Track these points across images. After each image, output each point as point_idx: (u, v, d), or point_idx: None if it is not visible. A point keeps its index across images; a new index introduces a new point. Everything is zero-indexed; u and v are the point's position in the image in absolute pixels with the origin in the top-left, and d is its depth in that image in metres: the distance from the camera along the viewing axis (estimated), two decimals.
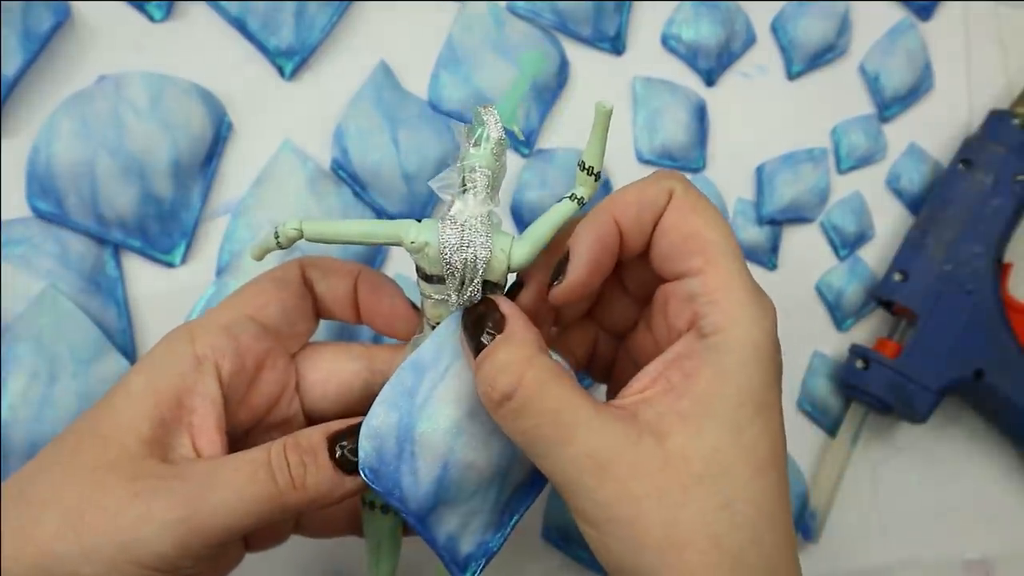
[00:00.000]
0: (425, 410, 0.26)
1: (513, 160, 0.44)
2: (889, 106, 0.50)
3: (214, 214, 0.39)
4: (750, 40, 0.48)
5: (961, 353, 0.45)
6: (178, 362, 0.26)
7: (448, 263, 0.26)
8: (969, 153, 0.47)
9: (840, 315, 0.48)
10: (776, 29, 0.49)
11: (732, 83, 0.48)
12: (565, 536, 0.42)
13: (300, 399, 0.30)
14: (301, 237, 0.27)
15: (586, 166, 0.26)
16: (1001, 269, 0.46)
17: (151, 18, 0.39)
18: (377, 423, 0.26)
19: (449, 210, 0.26)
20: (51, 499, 0.24)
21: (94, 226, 0.37)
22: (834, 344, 0.48)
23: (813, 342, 0.48)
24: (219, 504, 0.23)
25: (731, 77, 0.48)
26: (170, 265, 0.38)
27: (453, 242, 0.26)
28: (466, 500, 0.27)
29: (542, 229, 0.27)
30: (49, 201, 0.36)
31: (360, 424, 0.26)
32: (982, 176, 0.46)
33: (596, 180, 0.27)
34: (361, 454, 0.26)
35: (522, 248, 0.27)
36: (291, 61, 0.40)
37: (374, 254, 0.41)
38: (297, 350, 0.30)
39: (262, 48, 0.40)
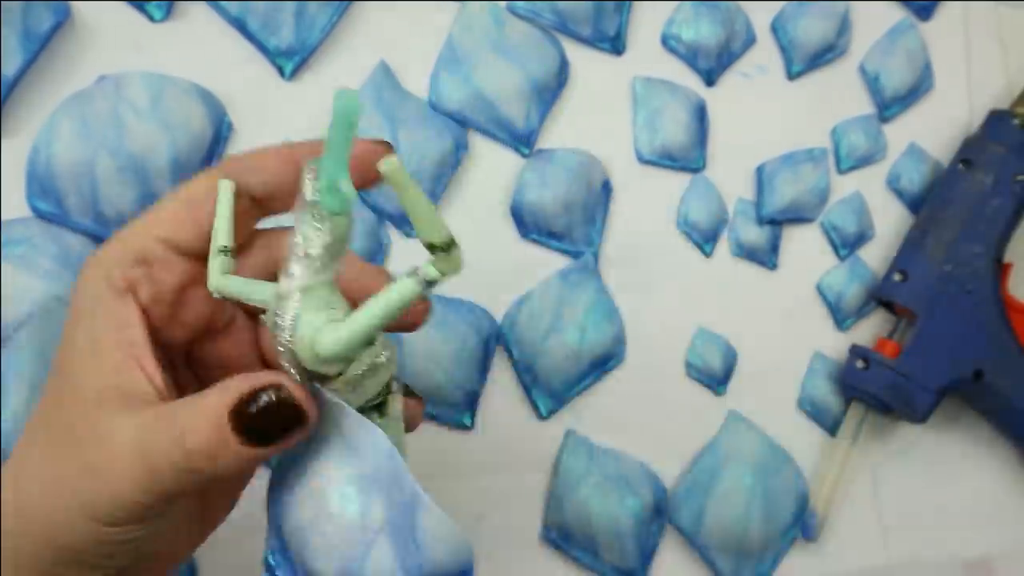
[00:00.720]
0: (282, 505, 0.26)
1: (513, 160, 0.44)
2: (889, 106, 0.50)
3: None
4: (750, 40, 0.48)
5: (961, 353, 0.45)
6: (101, 301, 0.26)
7: (271, 343, 0.24)
8: (969, 153, 0.47)
9: (840, 315, 0.48)
10: (776, 29, 0.49)
11: (732, 83, 0.48)
12: (565, 536, 0.42)
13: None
14: (217, 294, 0.26)
15: (425, 242, 0.21)
16: (1001, 269, 0.46)
17: (151, 18, 0.39)
18: (268, 506, 0.26)
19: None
20: (34, 472, 0.25)
21: (94, 226, 0.37)
22: (834, 344, 0.48)
23: (813, 342, 0.48)
24: (151, 482, 0.24)
25: (731, 77, 0.48)
26: None
27: (269, 319, 0.23)
28: None
29: (368, 315, 0.22)
30: (49, 201, 0.36)
31: (260, 386, 0.23)
32: (982, 176, 0.46)
33: (448, 252, 0.21)
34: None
35: (328, 337, 0.22)
36: (291, 61, 0.40)
37: (374, 253, 0.41)
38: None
39: (262, 48, 0.40)
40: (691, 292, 0.46)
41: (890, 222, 0.49)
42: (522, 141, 0.44)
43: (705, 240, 0.46)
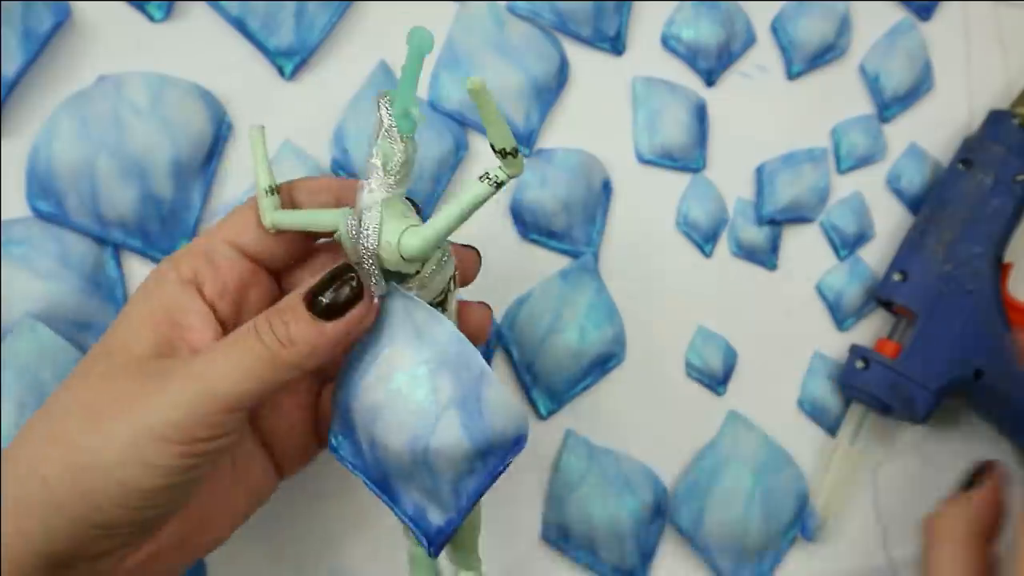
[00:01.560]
0: (354, 389, 0.28)
1: None
2: (889, 106, 0.50)
3: (214, 214, 0.39)
4: (750, 40, 0.48)
5: (961, 353, 0.44)
6: (167, 287, 0.28)
7: (349, 252, 0.27)
8: (969, 153, 0.47)
9: (840, 315, 0.48)
10: (776, 29, 0.49)
11: (732, 83, 0.48)
12: (565, 536, 0.42)
13: None
14: (273, 229, 0.29)
15: (497, 148, 0.24)
16: (1001, 269, 0.46)
17: (151, 18, 0.39)
18: (336, 394, 0.29)
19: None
20: (72, 402, 0.26)
21: (94, 226, 0.37)
22: (834, 344, 0.48)
23: (813, 342, 0.48)
24: (219, 374, 0.25)
25: (731, 77, 0.48)
26: None
27: (348, 230, 0.27)
28: (411, 478, 0.28)
29: (446, 216, 0.26)
30: (49, 201, 0.36)
31: (330, 273, 0.27)
32: (982, 176, 0.46)
33: (515, 157, 0.25)
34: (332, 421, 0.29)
35: (413, 238, 0.26)
36: (291, 61, 0.40)
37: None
38: (285, 267, 0.32)
39: (262, 48, 0.40)
40: (691, 292, 0.46)
41: (890, 222, 0.50)
42: (522, 141, 0.44)
43: (705, 240, 0.46)
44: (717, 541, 0.43)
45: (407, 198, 0.29)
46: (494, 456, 0.28)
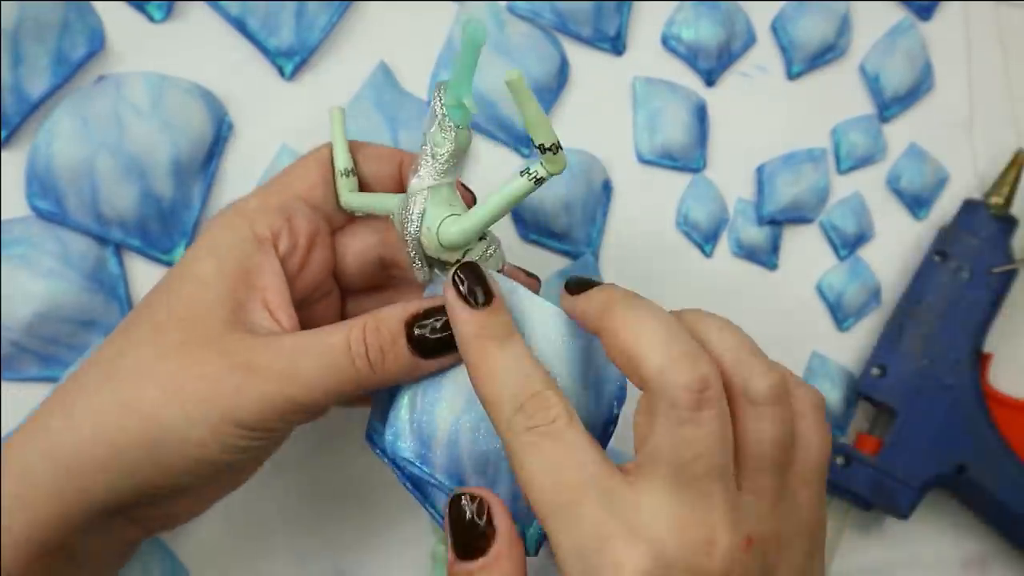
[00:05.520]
0: (439, 393, 0.28)
1: (513, 160, 0.44)
2: (889, 106, 0.50)
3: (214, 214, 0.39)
4: (750, 40, 0.48)
5: (942, 448, 0.44)
6: (241, 244, 0.28)
7: (399, 235, 0.28)
8: (944, 244, 0.47)
9: (840, 315, 0.48)
10: (776, 29, 0.49)
11: (732, 83, 0.48)
12: None
13: (337, 271, 0.32)
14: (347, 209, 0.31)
15: (537, 144, 0.24)
16: (981, 360, 0.46)
17: (151, 18, 0.39)
18: (401, 395, 0.28)
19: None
20: (148, 373, 0.26)
21: (94, 226, 0.37)
22: (834, 344, 0.48)
23: (813, 342, 0.48)
24: (304, 384, 0.26)
25: (731, 77, 0.48)
26: (171, 265, 0.38)
27: (398, 216, 0.28)
28: (481, 475, 0.28)
29: (487, 207, 0.26)
30: (49, 201, 0.36)
31: (436, 307, 0.27)
32: (957, 268, 0.46)
33: (555, 153, 0.25)
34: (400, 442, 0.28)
35: (452, 227, 0.27)
36: (291, 61, 0.40)
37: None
38: (339, 228, 0.32)
39: (262, 48, 0.40)
40: (691, 292, 0.46)
41: (890, 222, 0.49)
42: (522, 141, 0.44)
43: (705, 240, 0.46)
44: None
45: (462, 185, 0.30)
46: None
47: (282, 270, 0.28)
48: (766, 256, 0.47)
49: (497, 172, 0.44)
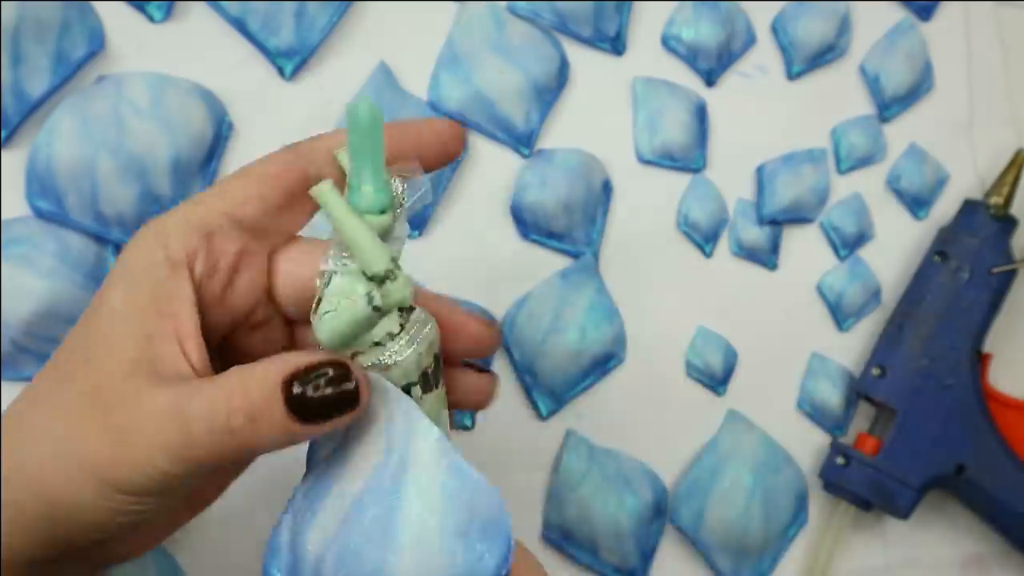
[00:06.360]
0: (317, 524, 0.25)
1: (513, 160, 0.44)
2: (889, 106, 0.50)
3: None
4: (750, 40, 0.48)
5: (942, 448, 0.44)
6: (153, 268, 0.25)
7: None
8: (943, 245, 0.47)
9: (840, 315, 0.48)
10: (776, 29, 0.49)
11: (732, 83, 0.48)
12: (565, 536, 0.42)
13: (274, 297, 0.28)
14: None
15: (368, 275, 0.21)
16: (980, 360, 0.46)
17: (151, 18, 0.39)
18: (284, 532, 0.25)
19: None
20: (43, 431, 0.24)
21: (94, 225, 0.37)
22: (834, 344, 0.48)
23: (813, 343, 0.48)
24: (175, 452, 0.23)
25: (731, 77, 0.48)
26: None
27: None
28: None
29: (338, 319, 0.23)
30: (49, 200, 0.36)
31: (325, 361, 0.23)
32: (957, 268, 0.46)
33: (384, 284, 0.22)
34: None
35: (325, 325, 0.23)
36: (291, 61, 0.40)
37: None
38: (276, 249, 0.28)
39: (262, 48, 0.40)
40: (691, 292, 0.46)
41: (890, 222, 0.49)
42: (522, 141, 0.44)
43: (705, 240, 0.46)
44: (717, 540, 0.43)
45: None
46: None
47: (194, 297, 0.25)
48: (766, 256, 0.47)
49: (497, 172, 0.44)
